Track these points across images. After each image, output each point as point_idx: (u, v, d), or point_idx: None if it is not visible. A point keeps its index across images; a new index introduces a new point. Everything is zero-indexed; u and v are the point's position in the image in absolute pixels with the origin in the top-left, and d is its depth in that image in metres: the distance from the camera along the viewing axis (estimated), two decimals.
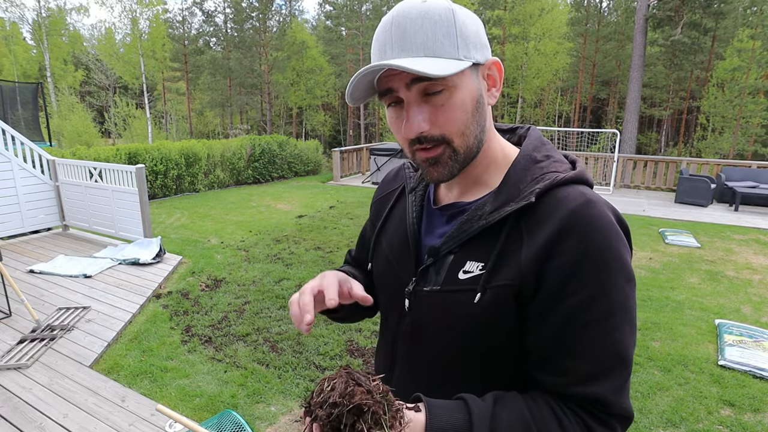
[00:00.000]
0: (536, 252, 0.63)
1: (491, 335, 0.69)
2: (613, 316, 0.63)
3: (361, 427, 0.54)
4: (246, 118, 31.38)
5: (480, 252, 0.69)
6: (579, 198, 0.65)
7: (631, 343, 0.64)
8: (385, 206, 0.89)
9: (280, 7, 30.88)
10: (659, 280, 4.86)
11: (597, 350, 0.63)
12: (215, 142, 10.97)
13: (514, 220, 0.67)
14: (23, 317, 3.62)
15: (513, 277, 0.65)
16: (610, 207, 0.67)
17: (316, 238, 6.26)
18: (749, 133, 21.60)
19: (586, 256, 0.62)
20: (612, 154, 10.65)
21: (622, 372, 0.64)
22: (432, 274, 0.73)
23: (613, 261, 0.62)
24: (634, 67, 15.11)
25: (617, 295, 0.63)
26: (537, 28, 23.56)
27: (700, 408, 2.73)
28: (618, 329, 0.63)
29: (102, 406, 2.60)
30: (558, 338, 0.64)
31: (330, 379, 0.58)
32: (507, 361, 0.71)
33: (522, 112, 26.82)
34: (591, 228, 0.62)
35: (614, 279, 0.63)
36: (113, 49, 28.69)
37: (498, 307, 0.66)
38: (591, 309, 0.62)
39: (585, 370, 0.63)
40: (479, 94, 0.67)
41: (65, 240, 5.80)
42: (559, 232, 0.63)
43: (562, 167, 0.70)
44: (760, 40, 20.62)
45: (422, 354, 0.77)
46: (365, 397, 0.55)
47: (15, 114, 9.47)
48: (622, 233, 0.65)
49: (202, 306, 4.07)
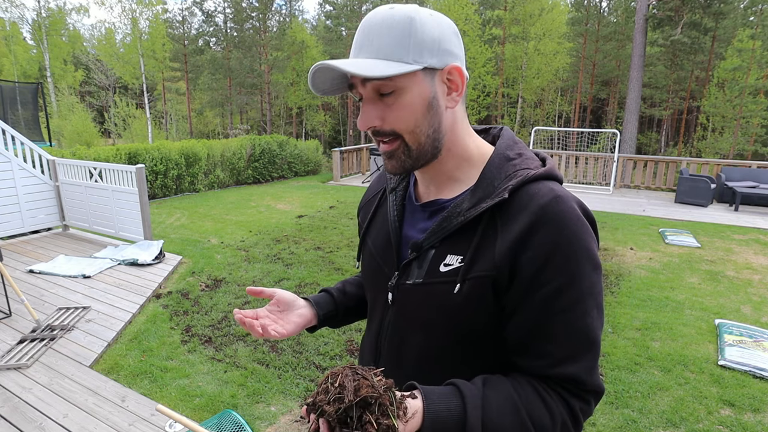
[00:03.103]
0: (510, 244, 0.69)
1: (471, 323, 0.74)
2: (583, 302, 0.69)
3: (369, 418, 0.55)
4: (246, 118, 31.37)
5: (459, 246, 0.74)
6: (548, 194, 0.70)
7: (599, 326, 0.71)
8: (370, 208, 0.94)
9: (280, 7, 30.87)
10: (659, 280, 4.86)
11: (571, 334, 0.69)
12: (215, 142, 10.96)
13: (489, 215, 0.72)
14: (23, 317, 3.62)
15: (489, 268, 0.70)
16: (577, 201, 0.73)
17: (316, 238, 6.26)
18: (749, 133, 21.60)
19: (556, 247, 0.67)
20: (612, 154, 10.65)
21: (592, 352, 0.70)
22: (414, 268, 0.78)
23: (581, 251, 0.68)
24: (634, 67, 15.10)
25: (586, 283, 0.69)
26: (537, 28, 23.57)
27: (700, 408, 2.73)
28: (588, 314, 0.69)
29: (102, 406, 2.60)
30: (535, 324, 0.70)
31: (334, 375, 0.60)
32: (487, 349, 0.76)
33: (522, 112, 26.82)
34: (560, 222, 0.68)
35: (583, 268, 0.68)
36: (113, 49, 28.73)
37: (477, 297, 0.71)
38: (563, 296, 0.68)
39: (561, 352, 0.69)
40: (432, 97, 0.71)
41: (65, 240, 5.80)
42: (531, 225, 0.68)
43: (533, 164, 0.76)
44: (760, 40, 20.63)
45: (406, 345, 0.81)
46: (371, 390, 0.57)
47: (15, 114, 9.47)
48: (588, 225, 0.71)
49: (202, 306, 4.07)
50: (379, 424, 0.55)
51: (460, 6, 21.23)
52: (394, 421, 0.56)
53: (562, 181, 0.77)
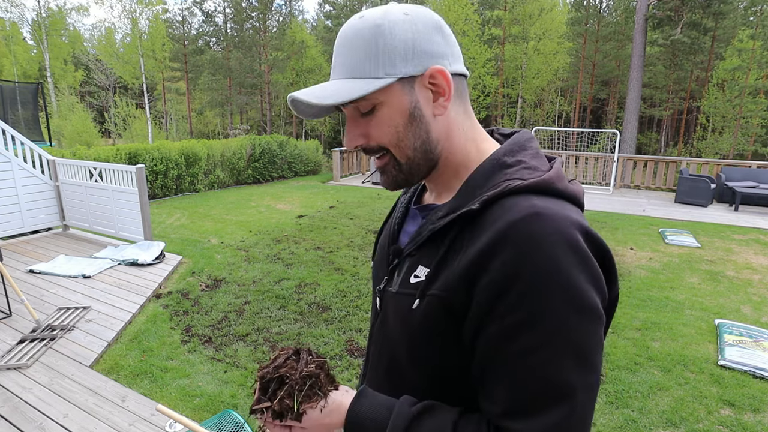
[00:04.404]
0: (467, 265, 0.60)
1: (428, 347, 0.67)
2: (546, 348, 0.55)
3: (280, 394, 0.64)
4: (246, 118, 31.38)
5: (429, 257, 0.67)
6: (525, 210, 0.58)
7: (574, 382, 0.56)
8: (392, 209, 0.93)
9: (280, 7, 30.82)
10: (659, 280, 4.86)
11: (526, 384, 0.56)
12: (215, 142, 10.97)
13: (459, 227, 0.64)
14: (23, 317, 3.62)
15: (445, 287, 0.62)
16: (576, 223, 0.58)
17: (316, 238, 6.26)
18: (749, 133, 21.61)
19: (517, 275, 0.56)
20: (612, 154, 10.66)
21: (554, 413, 0.55)
22: (395, 275, 0.74)
23: (553, 284, 0.55)
24: (634, 67, 15.10)
25: (555, 324, 0.55)
26: (537, 28, 23.58)
27: (700, 408, 2.73)
28: (552, 363, 0.55)
29: (102, 406, 2.60)
30: (486, 363, 0.60)
31: (281, 350, 0.70)
32: (461, 382, 0.66)
33: (522, 112, 26.82)
34: (530, 244, 0.56)
35: (552, 306, 0.55)
36: (113, 49, 28.71)
37: (431, 318, 0.64)
38: (519, 337, 0.56)
39: (510, 402, 0.57)
40: (413, 107, 0.65)
41: (65, 240, 5.80)
42: (492, 245, 0.58)
43: (530, 174, 0.64)
44: (760, 40, 20.62)
45: (384, 356, 0.78)
46: (290, 371, 0.65)
47: (15, 114, 9.47)
48: (580, 254, 0.57)
49: (202, 306, 4.07)
50: (281, 401, 0.64)
51: (460, 6, 21.23)
52: (294, 404, 0.64)
53: (571, 198, 0.64)
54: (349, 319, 3.82)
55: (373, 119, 0.66)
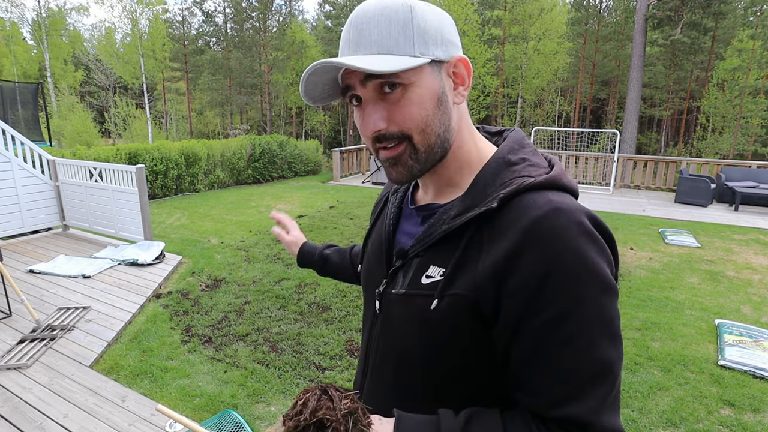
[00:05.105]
0: (495, 264, 0.61)
1: (451, 346, 0.66)
2: (587, 332, 0.59)
3: None
4: (246, 118, 31.39)
5: (443, 257, 0.67)
6: (545, 206, 0.60)
7: (613, 357, 0.60)
8: (377, 209, 0.91)
9: (280, 7, 30.84)
10: (659, 280, 4.86)
11: (573, 370, 0.59)
12: (215, 142, 10.96)
13: (476, 226, 0.65)
14: (23, 317, 3.62)
15: (469, 287, 0.63)
16: (588, 213, 0.62)
17: (316, 238, 6.25)
18: (749, 133, 21.62)
19: (550, 271, 0.58)
20: (612, 154, 10.65)
21: (602, 388, 0.59)
22: (400, 277, 0.73)
23: (583, 272, 0.58)
24: (634, 67, 15.10)
25: (591, 309, 0.59)
26: (537, 28, 23.58)
27: (700, 408, 2.73)
28: (594, 344, 0.59)
29: (102, 406, 2.60)
30: (528, 359, 0.61)
31: (305, 392, 0.62)
32: (480, 381, 0.67)
33: (522, 112, 26.82)
34: (556, 239, 0.58)
35: (586, 291, 0.59)
36: (113, 49, 28.72)
37: (454, 317, 0.64)
38: (561, 328, 0.59)
39: (561, 391, 0.59)
40: (441, 92, 0.65)
41: (65, 240, 5.80)
42: (520, 244, 0.59)
43: (537, 171, 0.66)
44: (760, 40, 20.64)
45: (390, 360, 0.76)
46: (329, 413, 0.58)
47: (15, 114, 9.47)
48: (597, 241, 0.61)
49: (202, 306, 4.07)
50: None
51: (460, 6, 21.23)
52: None
53: (571, 190, 0.66)
54: (349, 319, 3.82)
55: (401, 100, 0.63)
